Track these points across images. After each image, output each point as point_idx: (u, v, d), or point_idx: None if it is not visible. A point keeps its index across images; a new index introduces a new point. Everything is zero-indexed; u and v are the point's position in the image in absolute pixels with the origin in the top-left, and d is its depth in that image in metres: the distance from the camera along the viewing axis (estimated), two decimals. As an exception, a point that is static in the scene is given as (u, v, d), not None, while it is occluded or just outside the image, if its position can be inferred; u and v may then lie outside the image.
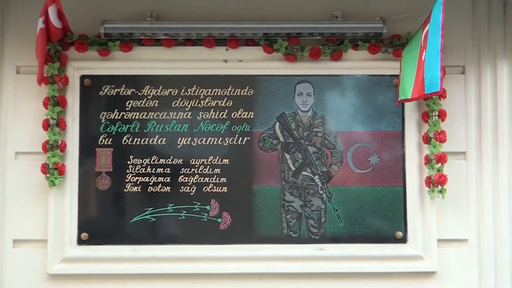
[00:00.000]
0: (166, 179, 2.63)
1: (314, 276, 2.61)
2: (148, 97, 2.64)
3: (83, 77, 2.65)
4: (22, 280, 2.61)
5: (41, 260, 2.59)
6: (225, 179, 2.64)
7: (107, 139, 2.63)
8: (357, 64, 2.68)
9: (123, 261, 2.59)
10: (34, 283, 2.60)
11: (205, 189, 2.63)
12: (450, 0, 2.42)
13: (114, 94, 2.65)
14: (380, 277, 2.60)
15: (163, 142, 2.65)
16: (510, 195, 2.65)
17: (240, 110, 2.66)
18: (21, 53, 2.67)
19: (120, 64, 2.66)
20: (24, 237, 2.61)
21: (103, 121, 2.64)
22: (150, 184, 2.62)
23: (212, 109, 2.66)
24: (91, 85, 2.65)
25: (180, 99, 2.66)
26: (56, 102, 2.58)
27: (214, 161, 2.62)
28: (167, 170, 2.63)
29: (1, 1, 2.66)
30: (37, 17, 2.45)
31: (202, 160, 2.65)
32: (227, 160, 2.66)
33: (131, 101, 2.64)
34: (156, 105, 2.65)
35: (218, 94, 2.66)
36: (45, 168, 2.55)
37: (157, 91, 2.65)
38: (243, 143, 2.66)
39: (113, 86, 2.65)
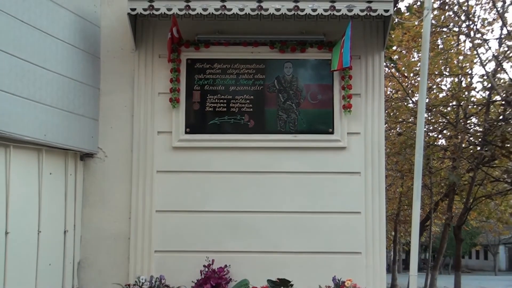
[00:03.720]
0: (224, 104, 5.15)
1: (291, 149, 5.12)
2: (216, 68, 5.23)
3: (187, 59, 5.21)
4: (160, 149, 5.13)
5: (169, 140, 5.13)
6: (251, 105, 5.15)
7: (197, 86, 5.21)
8: (312, 54, 5.19)
9: (206, 141, 5.12)
10: (166, 150, 5.12)
11: (242, 109, 5.16)
12: (354, 25, 4.86)
13: (201, 67, 5.23)
14: (321, 149, 5.11)
15: (222, 88, 5.18)
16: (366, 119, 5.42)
17: (259, 74, 5.20)
18: (161, 48, 5.17)
19: (204, 53, 5.21)
20: (162, 130, 5.15)
21: (195, 79, 5.21)
22: (217, 107, 5.17)
23: (246, 74, 5.21)
24: (191, 63, 5.22)
25: (230, 69, 5.22)
26: (175, 70, 5.16)
27: (247, 97, 5.18)
28: (224, 100, 5.16)
29: (153, 27, 5.25)
30: (168, 32, 5.00)
31: (240, 96, 5.17)
32: (252, 97, 5.17)
33: (208, 70, 5.22)
34: (220, 72, 5.22)
35: (249, 67, 5.22)
36: (170, 100, 5.13)
37: (220, 65, 5.22)
38: (260, 89, 5.19)
39: (200, 63, 5.22)
